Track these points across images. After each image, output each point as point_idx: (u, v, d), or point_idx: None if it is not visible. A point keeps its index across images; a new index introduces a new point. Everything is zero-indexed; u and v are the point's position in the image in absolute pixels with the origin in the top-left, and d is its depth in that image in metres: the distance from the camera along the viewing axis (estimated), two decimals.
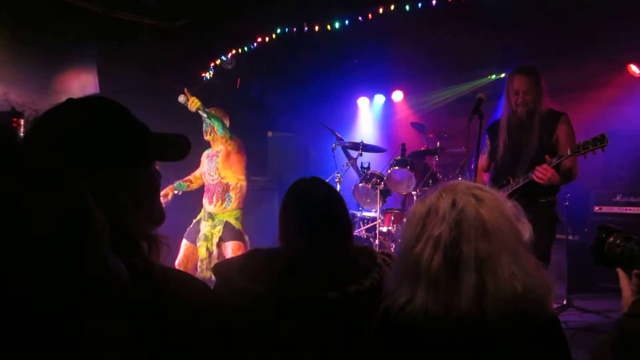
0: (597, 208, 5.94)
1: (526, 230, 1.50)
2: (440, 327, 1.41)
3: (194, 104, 4.58)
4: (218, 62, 6.74)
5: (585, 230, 5.99)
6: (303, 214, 1.99)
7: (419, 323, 1.43)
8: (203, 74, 6.85)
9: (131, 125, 1.17)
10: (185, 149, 1.23)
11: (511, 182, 3.84)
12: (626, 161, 5.79)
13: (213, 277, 2.05)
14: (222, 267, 2.00)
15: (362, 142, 5.88)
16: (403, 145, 5.93)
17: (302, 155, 7.96)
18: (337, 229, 2.00)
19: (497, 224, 1.38)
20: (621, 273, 1.63)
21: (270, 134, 8.25)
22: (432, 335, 1.43)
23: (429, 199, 1.50)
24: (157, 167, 1.23)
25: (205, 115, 4.64)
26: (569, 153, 3.53)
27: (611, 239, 1.65)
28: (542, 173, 3.57)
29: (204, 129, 4.78)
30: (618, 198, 5.82)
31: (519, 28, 5.89)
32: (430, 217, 1.45)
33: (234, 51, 6.62)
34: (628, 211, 5.72)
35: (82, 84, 5.77)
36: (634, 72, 6.31)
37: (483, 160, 4.10)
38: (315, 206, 2.01)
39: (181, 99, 4.62)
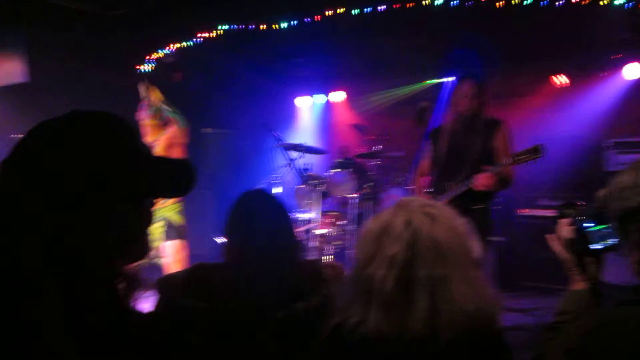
0: (522, 211, 6.18)
1: (476, 247, 1.50)
2: (393, 348, 1.39)
3: (156, 97, 4.41)
4: (157, 55, 6.53)
5: (510, 231, 6.22)
6: (249, 230, 1.93)
7: (371, 344, 1.41)
8: (139, 67, 6.62)
9: (130, 158, 1.00)
10: (191, 182, 1.06)
11: (452, 187, 3.91)
12: (549, 166, 6.06)
13: None
14: (165, 283, 1.91)
15: (303, 143, 5.84)
16: (344, 147, 5.93)
17: (239, 153, 7.80)
18: (284, 245, 1.96)
19: (450, 244, 1.38)
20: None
21: (209, 130, 8.08)
22: (384, 356, 1.41)
23: (383, 216, 1.47)
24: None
25: (167, 109, 4.48)
26: (510, 161, 3.62)
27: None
28: (485, 180, 3.65)
29: (152, 120, 4.56)
30: (542, 201, 6.07)
31: (456, 36, 6.03)
32: (385, 236, 1.43)
33: (174, 45, 6.43)
34: (549, 214, 5.98)
35: (7, 71, 5.43)
36: (556, 83, 6.66)
37: (424, 164, 4.15)
38: (262, 222, 1.96)
39: (142, 91, 4.42)
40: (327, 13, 5.45)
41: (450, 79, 7.25)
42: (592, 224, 1.61)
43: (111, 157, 0.97)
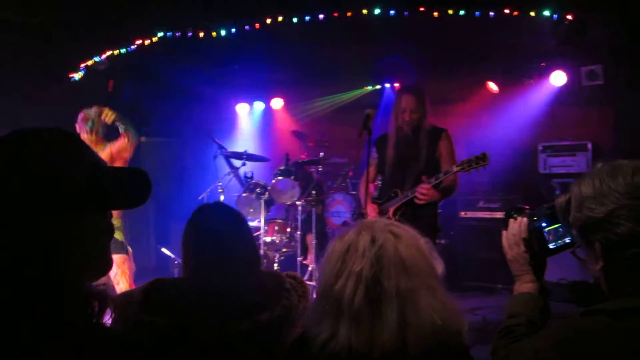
0: (462, 213, 6.38)
1: (439, 265, 1.54)
2: None
3: (109, 117, 4.32)
4: (90, 62, 6.32)
5: (452, 233, 6.40)
6: (208, 243, 1.91)
7: (342, 359, 1.42)
8: (72, 75, 6.39)
9: (81, 167, 0.98)
10: (147, 191, 1.05)
11: (399, 194, 3.98)
12: (486, 169, 6.30)
13: None
14: (122, 301, 1.85)
15: (245, 151, 5.80)
16: (287, 155, 5.94)
17: (180, 162, 7.67)
18: (244, 256, 1.95)
19: (414, 260, 1.41)
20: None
21: (143, 139, 7.87)
22: None
23: (348, 236, 1.49)
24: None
25: (122, 125, 4.39)
26: (454, 169, 3.73)
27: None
28: (423, 194, 3.76)
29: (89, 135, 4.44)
30: (481, 204, 6.29)
31: (392, 44, 6.16)
32: (350, 254, 1.44)
33: (109, 52, 6.24)
34: (489, 215, 6.21)
35: None
36: (492, 89, 6.91)
37: (370, 172, 4.20)
38: (221, 234, 1.94)
39: (92, 113, 4.33)
40: (267, 21, 5.44)
41: (389, 85, 7.42)
42: (546, 224, 1.66)
43: (69, 169, 0.96)
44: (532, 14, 5.26)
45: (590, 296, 4.36)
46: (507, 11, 5.22)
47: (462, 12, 5.25)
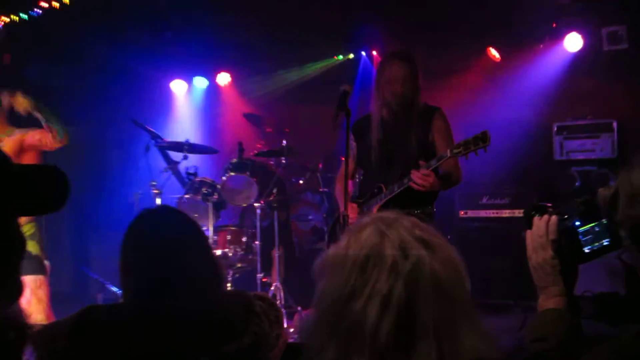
0: (462, 212, 6.43)
1: (468, 282, 1.53)
2: None
3: (21, 104, 4.30)
4: None
5: (449, 237, 6.45)
6: (154, 260, 1.89)
7: None
8: None
9: None
10: (62, 193, 1.04)
11: (384, 190, 4.00)
12: (489, 157, 6.37)
13: None
14: (44, 337, 1.81)
15: (187, 141, 5.75)
16: (240, 144, 5.91)
17: (99, 157, 7.52)
18: (202, 274, 1.94)
19: (452, 281, 1.38)
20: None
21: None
22: None
23: (366, 237, 1.43)
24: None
25: (43, 118, 4.36)
26: (448, 154, 3.76)
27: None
28: (422, 179, 3.75)
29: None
30: (484, 200, 6.35)
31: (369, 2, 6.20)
32: (373, 265, 1.39)
33: (4, 18, 6.12)
34: (494, 214, 6.26)
35: None
36: (493, 57, 6.99)
37: (348, 163, 4.19)
38: (170, 248, 1.92)
39: (4, 101, 4.30)
40: None
41: (366, 54, 7.44)
42: (579, 223, 1.68)
43: None
44: None
45: (622, 311, 4.48)
46: None
47: None
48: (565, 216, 1.73)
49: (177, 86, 8.09)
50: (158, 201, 5.49)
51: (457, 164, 4.02)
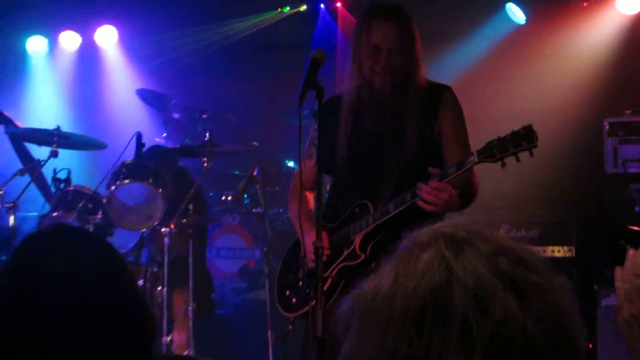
0: None
1: (583, 338, 1.51)
2: None
3: None
4: None
5: None
6: (52, 315, 1.86)
7: None
8: None
9: None
10: None
11: (371, 210, 4.02)
12: (506, 168, 6.40)
13: None
14: None
15: (57, 128, 5.71)
16: (139, 136, 5.86)
17: None
18: (121, 330, 1.91)
19: (555, 345, 1.38)
20: None
21: None
22: None
23: (424, 270, 1.39)
24: None
25: None
26: (475, 158, 3.78)
27: None
28: (434, 196, 3.76)
29: None
30: (503, 231, 6.40)
31: None
32: (433, 325, 1.36)
33: None
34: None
35: None
36: (515, 17, 7.15)
37: (309, 169, 4.18)
38: (80, 294, 1.89)
39: None
40: None
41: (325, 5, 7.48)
42: None
43: None
44: None
45: None
46: None
47: None
48: None
49: (36, 45, 8.02)
50: (11, 220, 5.41)
51: (473, 172, 4.06)
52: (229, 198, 6.69)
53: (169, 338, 5.70)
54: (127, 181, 5.67)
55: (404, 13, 4.17)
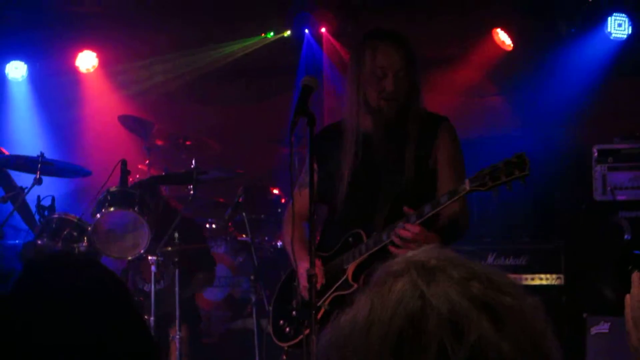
0: None
1: (559, 357, 1.54)
2: None
3: None
4: None
5: None
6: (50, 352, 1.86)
7: None
8: None
9: None
10: None
11: (364, 239, 4.02)
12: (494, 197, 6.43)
13: None
14: None
15: (40, 155, 5.70)
16: (124, 164, 5.85)
17: None
18: None
19: None
20: None
21: None
22: None
23: (397, 299, 1.42)
24: None
25: None
26: (467, 187, 3.78)
27: None
28: (407, 239, 3.75)
29: None
30: (490, 260, 6.40)
31: None
32: (410, 351, 1.40)
33: None
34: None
35: None
36: (502, 43, 7.13)
37: (303, 198, 4.15)
38: (85, 332, 1.89)
39: None
40: None
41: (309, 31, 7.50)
42: None
43: None
44: None
45: None
46: None
47: None
48: None
49: (15, 70, 7.98)
50: None
51: (464, 205, 4.08)
52: (214, 226, 6.71)
53: None
54: (112, 209, 5.66)
55: (406, 39, 4.19)
